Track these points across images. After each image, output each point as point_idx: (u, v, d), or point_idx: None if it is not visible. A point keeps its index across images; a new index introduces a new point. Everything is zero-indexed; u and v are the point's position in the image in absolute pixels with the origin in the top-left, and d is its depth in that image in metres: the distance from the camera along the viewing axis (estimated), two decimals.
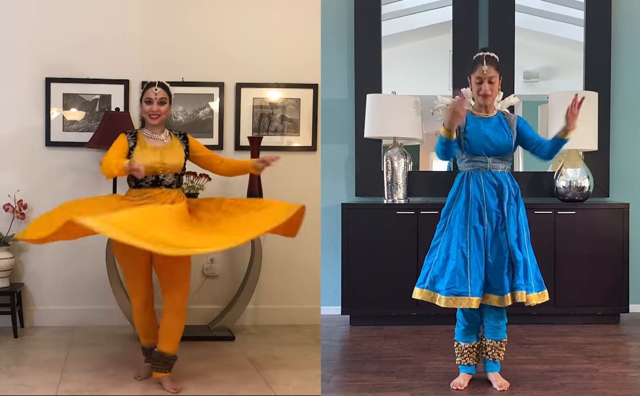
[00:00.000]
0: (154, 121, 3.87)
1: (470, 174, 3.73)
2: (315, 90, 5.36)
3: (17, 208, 5.01)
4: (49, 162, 5.15)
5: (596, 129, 5.25)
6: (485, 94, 3.69)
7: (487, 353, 3.80)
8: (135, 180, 3.84)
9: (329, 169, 5.57)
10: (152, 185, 3.84)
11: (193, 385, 3.88)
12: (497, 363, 3.80)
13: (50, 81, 5.11)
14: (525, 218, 3.74)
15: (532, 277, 3.68)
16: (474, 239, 3.64)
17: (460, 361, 3.82)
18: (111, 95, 5.15)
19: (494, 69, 3.68)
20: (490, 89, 3.68)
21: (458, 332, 3.83)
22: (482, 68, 3.67)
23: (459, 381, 3.78)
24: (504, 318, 3.77)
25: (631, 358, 4.37)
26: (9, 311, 4.84)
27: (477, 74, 3.69)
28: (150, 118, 3.87)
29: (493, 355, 3.78)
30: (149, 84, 3.89)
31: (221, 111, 5.29)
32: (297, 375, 4.11)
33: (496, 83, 3.70)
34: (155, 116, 3.86)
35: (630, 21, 5.52)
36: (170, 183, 3.88)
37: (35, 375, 4.02)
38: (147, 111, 3.87)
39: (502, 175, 3.72)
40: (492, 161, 3.71)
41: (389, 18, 5.60)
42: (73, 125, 5.17)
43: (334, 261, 5.45)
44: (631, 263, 5.23)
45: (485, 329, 3.79)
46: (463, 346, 3.81)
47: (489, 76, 3.67)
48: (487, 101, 3.72)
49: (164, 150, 3.85)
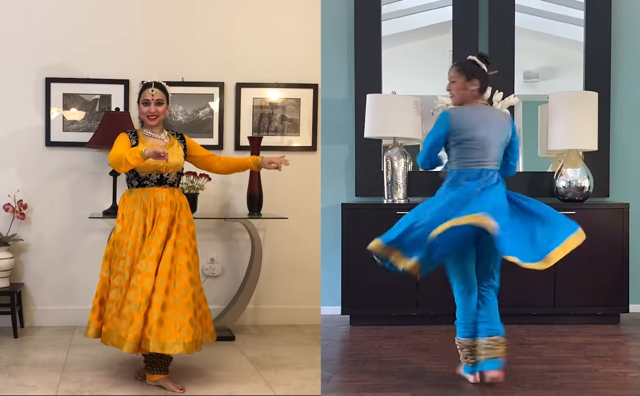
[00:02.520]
0: (152, 122, 3.87)
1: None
2: (315, 90, 5.37)
3: (17, 207, 5.01)
4: (49, 162, 5.16)
5: (596, 129, 5.25)
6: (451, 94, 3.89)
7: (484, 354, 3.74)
8: (138, 179, 3.84)
9: (329, 169, 5.57)
10: (157, 183, 3.83)
11: (193, 385, 3.88)
12: (497, 360, 3.72)
13: (50, 81, 5.12)
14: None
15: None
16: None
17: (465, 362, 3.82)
18: (111, 95, 5.16)
19: (454, 70, 3.85)
20: (451, 87, 3.86)
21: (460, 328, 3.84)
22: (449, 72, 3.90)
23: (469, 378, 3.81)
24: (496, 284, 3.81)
25: (631, 358, 4.37)
26: (9, 311, 4.84)
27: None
28: (149, 120, 3.87)
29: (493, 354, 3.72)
30: (145, 85, 3.88)
31: (221, 111, 5.29)
32: (297, 375, 4.11)
33: (457, 83, 3.83)
34: (153, 118, 3.86)
35: (630, 21, 5.52)
36: (173, 182, 3.89)
37: (35, 375, 4.02)
38: (145, 112, 3.86)
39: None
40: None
41: (389, 18, 5.60)
42: (73, 125, 5.17)
43: (334, 261, 5.45)
44: (631, 263, 5.23)
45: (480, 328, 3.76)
46: (464, 342, 3.81)
47: (450, 77, 3.87)
48: (452, 100, 3.89)
49: (166, 149, 3.84)
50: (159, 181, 3.84)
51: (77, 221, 5.14)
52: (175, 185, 3.91)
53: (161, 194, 3.82)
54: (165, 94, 3.90)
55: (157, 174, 3.83)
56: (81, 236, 5.18)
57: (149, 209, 3.80)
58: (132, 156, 3.66)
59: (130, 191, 3.88)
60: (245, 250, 5.29)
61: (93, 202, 5.16)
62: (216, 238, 5.31)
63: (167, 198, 3.82)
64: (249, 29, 5.28)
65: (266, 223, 5.31)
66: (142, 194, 3.83)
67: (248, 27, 5.28)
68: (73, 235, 5.17)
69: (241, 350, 4.60)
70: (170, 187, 3.88)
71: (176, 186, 3.92)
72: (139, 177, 3.83)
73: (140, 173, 3.81)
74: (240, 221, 5.14)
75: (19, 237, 5.08)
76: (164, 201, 3.81)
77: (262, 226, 5.31)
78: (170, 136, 3.96)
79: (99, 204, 5.13)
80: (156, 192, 3.82)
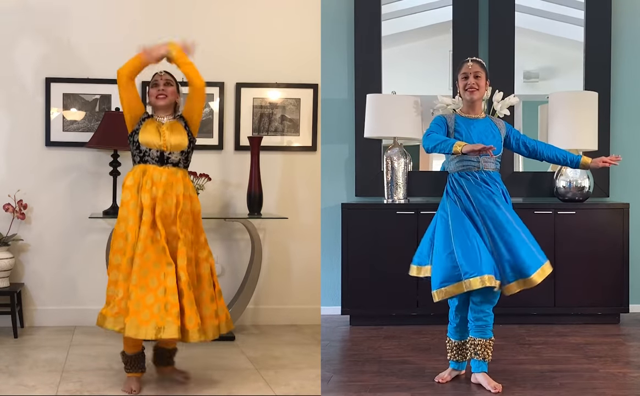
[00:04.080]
0: (161, 102, 3.77)
1: (460, 174, 3.77)
2: (315, 90, 5.37)
3: (17, 207, 5.01)
4: (49, 162, 5.16)
5: (596, 129, 5.25)
6: (471, 87, 3.74)
7: (475, 352, 3.73)
8: (140, 155, 3.72)
9: (329, 169, 5.57)
10: (159, 162, 3.71)
11: (193, 385, 3.88)
12: (485, 362, 3.73)
13: (50, 81, 5.12)
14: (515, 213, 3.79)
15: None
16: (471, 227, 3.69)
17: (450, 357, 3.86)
18: (111, 95, 5.16)
19: (479, 66, 3.76)
20: (476, 83, 3.73)
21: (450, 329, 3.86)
22: (467, 65, 3.77)
23: (442, 375, 3.84)
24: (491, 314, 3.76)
25: (631, 358, 4.37)
26: (9, 311, 4.84)
27: (463, 71, 3.78)
28: (157, 99, 3.77)
29: (483, 354, 3.72)
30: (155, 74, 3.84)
31: (221, 111, 5.29)
32: (297, 375, 4.11)
33: (482, 79, 3.75)
34: (162, 96, 3.77)
35: (630, 21, 5.52)
36: (177, 161, 3.75)
37: (35, 375, 4.02)
38: (154, 93, 3.78)
39: (494, 175, 3.77)
40: (484, 161, 3.75)
41: (389, 18, 5.60)
42: (73, 125, 5.17)
43: (334, 261, 5.45)
44: (631, 263, 5.23)
45: (471, 327, 3.76)
46: (454, 342, 3.84)
47: (474, 70, 3.74)
48: (473, 95, 3.75)
49: (165, 128, 3.74)
50: (160, 159, 3.72)
51: (77, 221, 5.14)
52: (180, 165, 3.77)
53: (161, 175, 3.69)
54: (174, 80, 3.84)
55: (157, 151, 3.71)
56: (81, 236, 5.18)
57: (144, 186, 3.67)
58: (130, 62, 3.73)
59: (133, 171, 3.73)
60: (245, 250, 5.29)
61: (93, 202, 5.16)
62: (216, 238, 5.30)
63: (167, 179, 3.69)
64: (249, 29, 5.28)
65: (266, 223, 5.31)
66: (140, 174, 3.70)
67: (248, 27, 5.28)
68: (73, 235, 5.17)
69: (241, 350, 4.60)
70: (174, 167, 3.74)
71: (181, 165, 3.77)
72: (140, 151, 3.71)
73: (141, 146, 3.70)
74: (240, 221, 5.14)
75: (19, 237, 5.08)
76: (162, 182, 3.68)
77: (262, 226, 5.31)
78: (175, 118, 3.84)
79: (99, 204, 5.13)
80: (155, 172, 3.70)
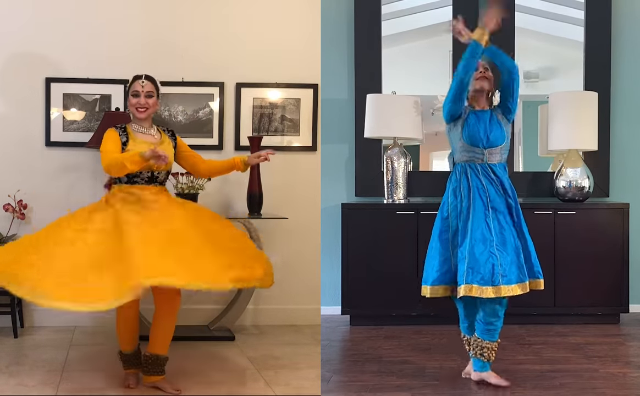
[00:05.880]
0: (141, 115, 3.75)
1: (467, 165, 3.81)
2: (315, 90, 5.36)
3: (17, 207, 5.01)
4: (49, 162, 5.15)
5: (596, 129, 5.25)
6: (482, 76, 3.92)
7: (481, 354, 3.76)
8: (127, 176, 3.69)
9: (329, 169, 5.57)
10: (148, 181, 3.73)
11: (193, 385, 3.87)
12: (489, 362, 3.78)
13: (50, 81, 5.11)
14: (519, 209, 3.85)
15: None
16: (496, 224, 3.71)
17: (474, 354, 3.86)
18: (111, 95, 5.15)
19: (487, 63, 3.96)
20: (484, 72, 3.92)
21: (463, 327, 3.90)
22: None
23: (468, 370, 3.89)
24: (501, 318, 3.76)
25: (631, 358, 4.37)
26: (9, 311, 4.83)
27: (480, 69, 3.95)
28: (137, 111, 3.74)
29: (488, 356, 3.75)
30: (135, 77, 3.78)
31: (221, 111, 5.29)
32: (297, 375, 4.11)
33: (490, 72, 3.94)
34: (142, 110, 3.74)
35: (630, 21, 5.52)
36: (163, 180, 3.79)
37: (35, 375, 4.02)
38: (134, 104, 3.74)
39: (499, 166, 3.82)
40: (489, 153, 3.80)
41: (389, 18, 5.60)
42: (73, 125, 5.17)
43: (334, 261, 5.45)
44: (631, 263, 5.23)
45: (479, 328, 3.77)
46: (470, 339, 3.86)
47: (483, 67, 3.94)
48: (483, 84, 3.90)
49: (157, 146, 3.71)
50: (149, 179, 3.73)
51: None
52: (164, 184, 3.81)
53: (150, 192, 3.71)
54: (155, 87, 3.79)
55: (148, 172, 3.71)
56: None
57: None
58: (131, 161, 3.54)
59: (119, 188, 3.73)
60: None
61: (93, 202, 5.14)
62: None
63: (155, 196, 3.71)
64: (249, 29, 5.28)
65: (266, 222, 5.30)
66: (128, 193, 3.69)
67: (248, 27, 5.27)
68: None
69: (241, 350, 4.60)
70: (160, 186, 3.78)
71: (164, 184, 3.81)
72: (129, 174, 3.68)
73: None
74: (240, 221, 5.13)
75: (19, 237, 5.07)
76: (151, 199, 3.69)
77: (262, 226, 5.30)
78: (160, 132, 3.86)
79: None
80: (144, 190, 3.71)
